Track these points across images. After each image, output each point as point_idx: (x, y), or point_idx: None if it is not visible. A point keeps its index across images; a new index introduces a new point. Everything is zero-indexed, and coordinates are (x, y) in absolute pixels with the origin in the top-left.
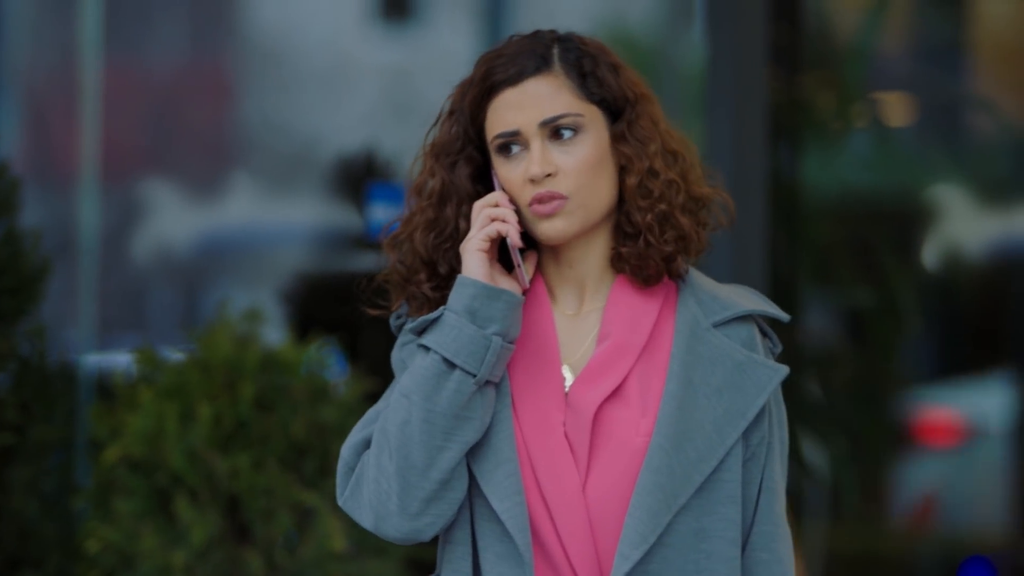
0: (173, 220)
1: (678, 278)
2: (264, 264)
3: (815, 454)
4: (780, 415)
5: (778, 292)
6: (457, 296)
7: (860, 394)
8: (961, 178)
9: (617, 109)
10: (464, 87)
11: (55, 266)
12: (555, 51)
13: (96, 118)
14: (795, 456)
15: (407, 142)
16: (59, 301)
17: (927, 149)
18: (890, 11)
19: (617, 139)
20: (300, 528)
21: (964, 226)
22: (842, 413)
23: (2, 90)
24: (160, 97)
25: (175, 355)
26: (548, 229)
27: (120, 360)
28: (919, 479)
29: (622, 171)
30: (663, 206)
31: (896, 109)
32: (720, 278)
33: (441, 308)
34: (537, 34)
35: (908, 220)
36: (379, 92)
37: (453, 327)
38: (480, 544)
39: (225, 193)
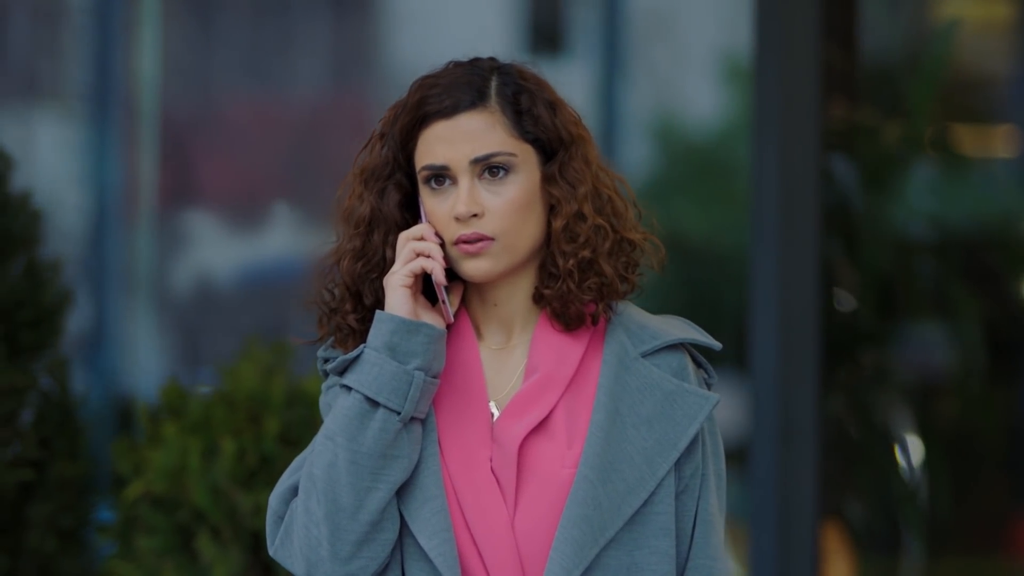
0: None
1: (604, 317)
2: None
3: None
4: (715, 445)
5: (834, 323)
6: (376, 332)
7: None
8: None
9: (551, 148)
10: (396, 110)
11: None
12: (492, 84)
13: (155, 149)
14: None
15: None
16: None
17: (1010, 182)
18: (961, 33)
19: (548, 180)
20: None
21: None
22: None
23: (108, 118)
24: (299, 131)
25: (202, 389)
26: (472, 269)
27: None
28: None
29: (551, 211)
30: (587, 252)
31: (998, 139)
32: (768, 309)
33: (361, 346)
34: (476, 63)
35: (981, 252)
36: None
37: (374, 364)
38: None
39: None
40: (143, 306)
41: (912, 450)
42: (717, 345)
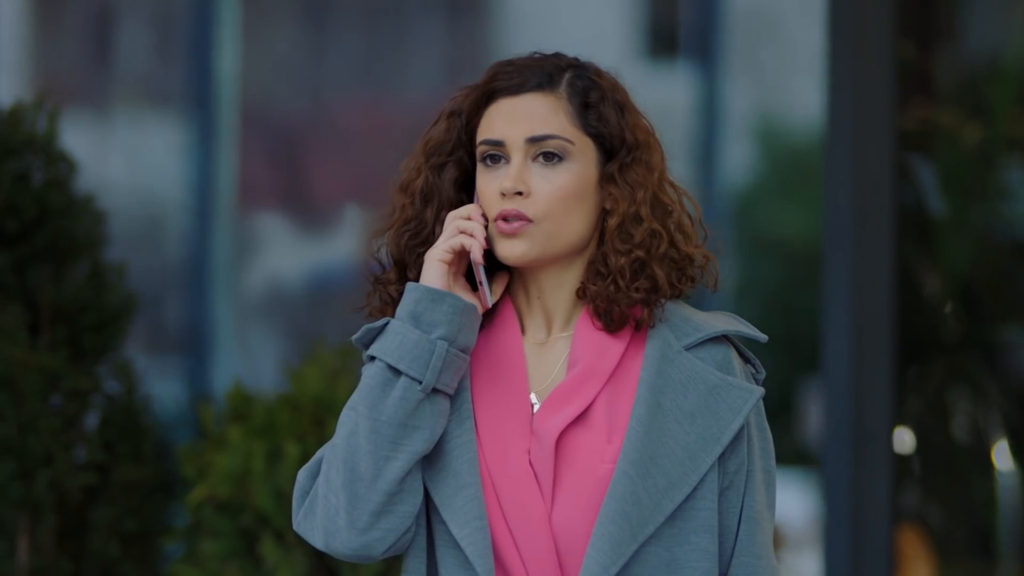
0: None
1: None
2: None
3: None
4: (764, 441)
5: (915, 326)
6: (403, 303)
7: None
8: None
9: (612, 148)
10: (469, 90)
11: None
12: (566, 75)
13: (234, 152)
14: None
15: None
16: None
17: None
18: None
19: (606, 179)
20: (388, 570)
21: None
22: None
23: (214, 122)
24: (410, 134)
25: (267, 393)
26: (507, 249)
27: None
28: None
29: (605, 213)
30: (640, 252)
31: None
32: (842, 312)
33: (387, 317)
34: (557, 55)
35: None
36: None
37: (397, 333)
38: (441, 573)
39: None
40: (245, 307)
41: (998, 456)
42: (763, 337)
